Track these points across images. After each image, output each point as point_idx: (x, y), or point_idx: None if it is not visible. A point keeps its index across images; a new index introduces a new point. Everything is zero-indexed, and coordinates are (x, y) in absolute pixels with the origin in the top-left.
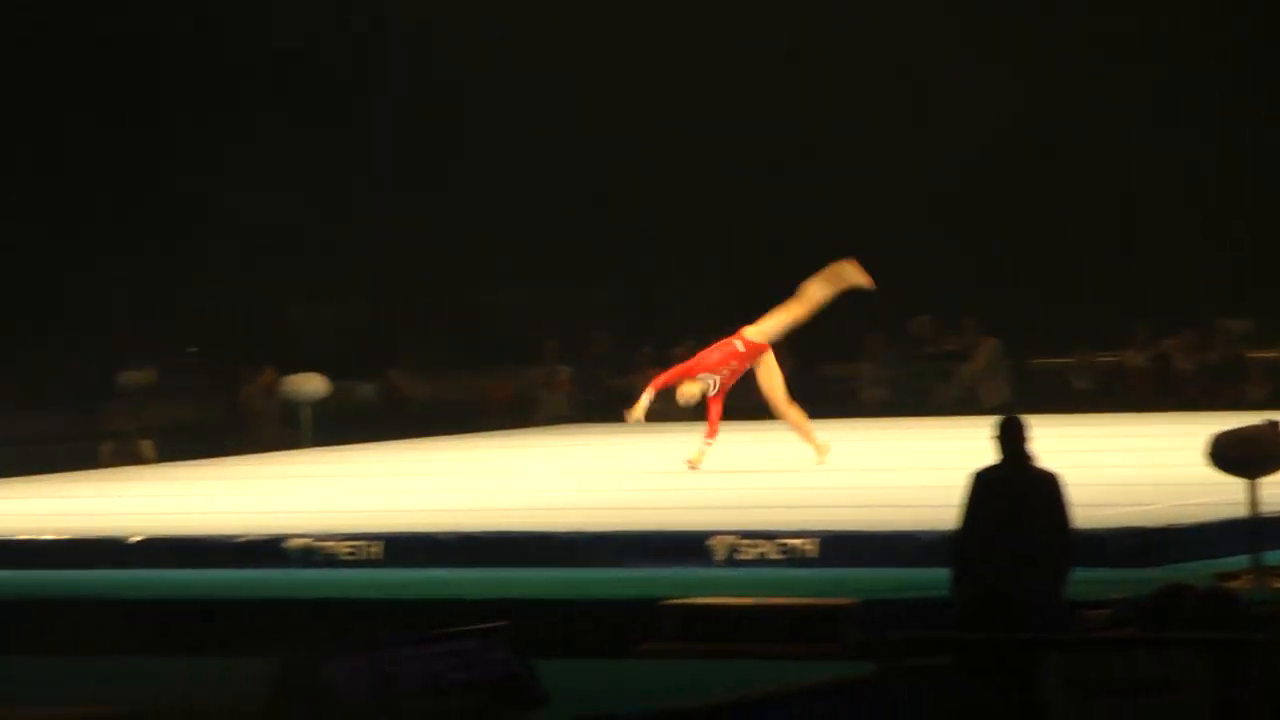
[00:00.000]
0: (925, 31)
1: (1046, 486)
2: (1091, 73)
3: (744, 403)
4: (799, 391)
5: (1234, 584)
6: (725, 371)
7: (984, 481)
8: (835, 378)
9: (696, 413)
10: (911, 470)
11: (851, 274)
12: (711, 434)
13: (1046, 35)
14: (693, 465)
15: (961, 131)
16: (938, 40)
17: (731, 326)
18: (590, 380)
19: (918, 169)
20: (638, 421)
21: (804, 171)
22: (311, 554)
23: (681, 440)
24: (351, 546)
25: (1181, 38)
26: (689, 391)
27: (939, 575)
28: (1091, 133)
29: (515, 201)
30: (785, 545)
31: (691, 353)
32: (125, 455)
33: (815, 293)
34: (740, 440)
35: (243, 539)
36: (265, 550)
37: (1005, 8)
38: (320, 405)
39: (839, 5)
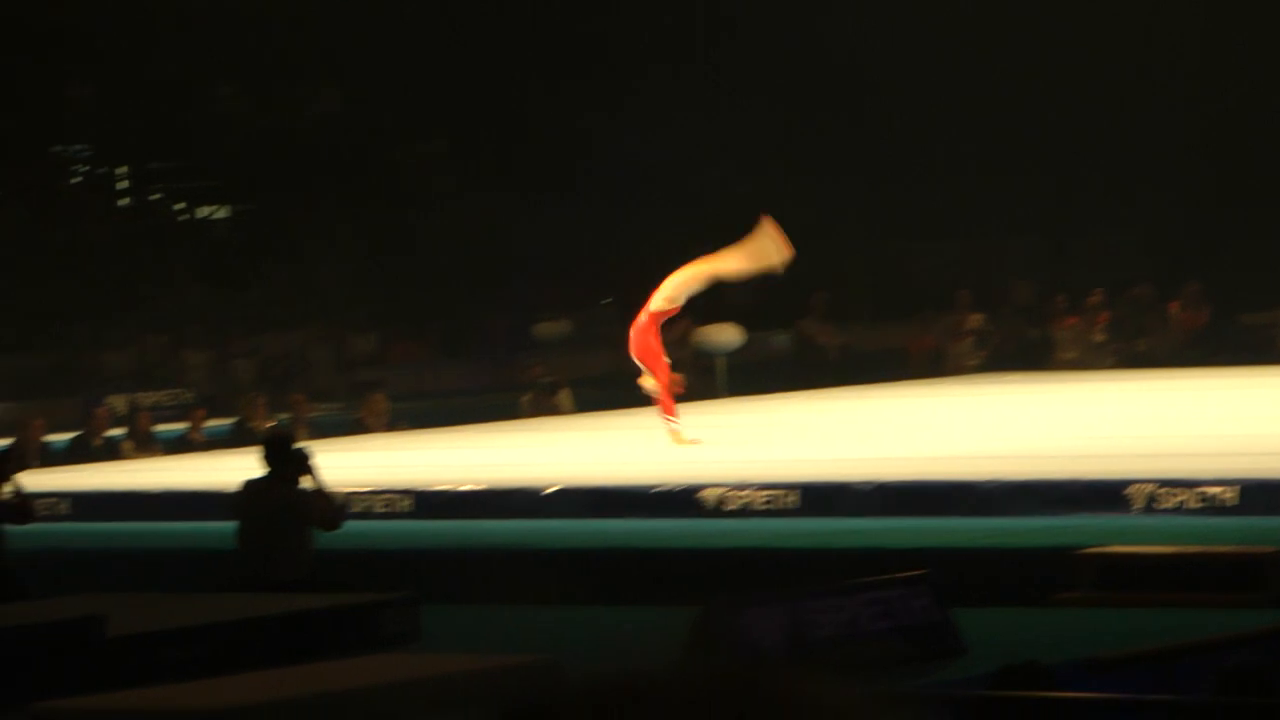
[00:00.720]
0: None
1: None
2: None
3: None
4: (1217, 340)
5: None
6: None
7: None
8: (1256, 325)
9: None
10: None
11: (768, 249)
12: (669, 411)
13: None
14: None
15: None
16: None
17: (1138, 275)
18: (1007, 330)
19: None
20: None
21: (1229, 120)
22: (727, 503)
23: (1103, 391)
24: (767, 496)
25: None
26: (646, 385)
27: None
28: None
29: (930, 152)
30: (1204, 494)
31: (1104, 301)
32: (543, 406)
33: (730, 265)
34: (1153, 390)
35: (658, 489)
36: (680, 500)
37: None
38: (735, 355)
39: None
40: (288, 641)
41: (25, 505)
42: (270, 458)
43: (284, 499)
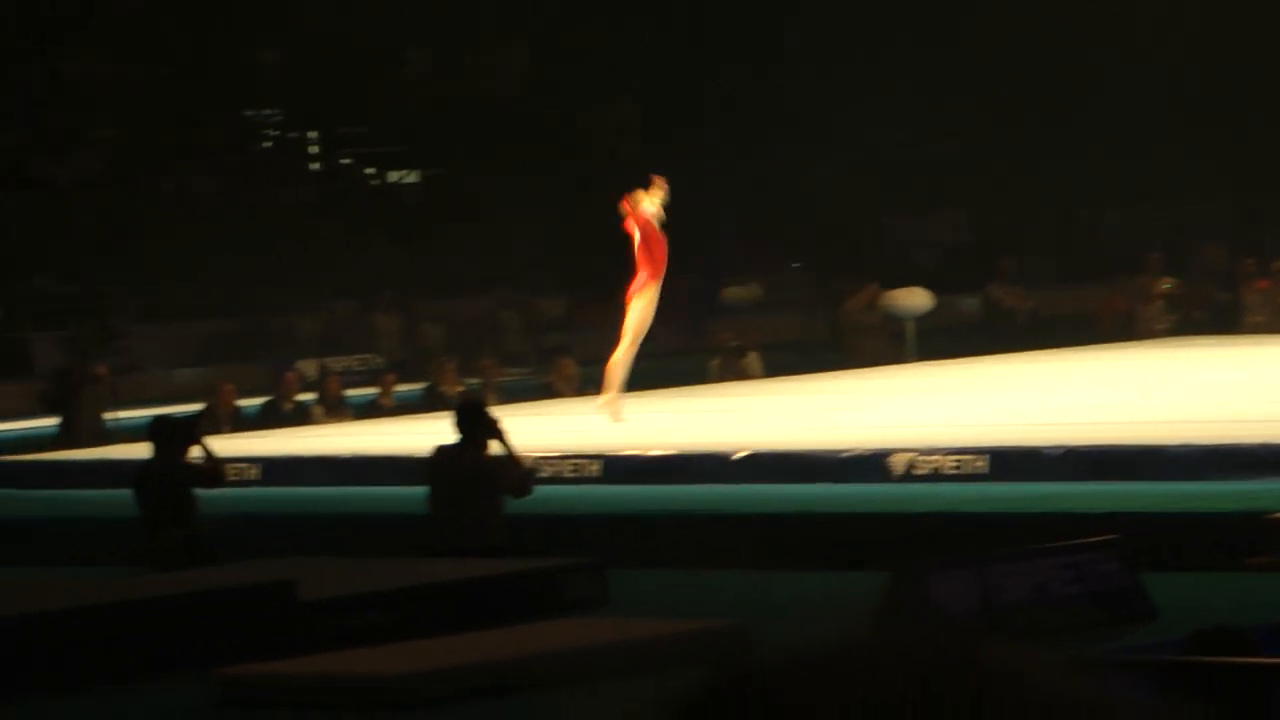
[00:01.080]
0: None
1: None
2: None
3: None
4: None
5: None
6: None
7: None
8: None
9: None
10: None
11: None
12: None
13: None
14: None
15: None
16: None
17: None
18: (1196, 293)
19: None
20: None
21: None
22: (916, 468)
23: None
24: (956, 460)
25: None
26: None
27: None
28: None
29: (1122, 114)
30: None
31: None
32: (731, 370)
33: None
34: None
35: (847, 454)
36: (870, 465)
37: None
38: (924, 320)
39: None
40: (476, 606)
41: (215, 469)
42: (461, 423)
43: (474, 465)
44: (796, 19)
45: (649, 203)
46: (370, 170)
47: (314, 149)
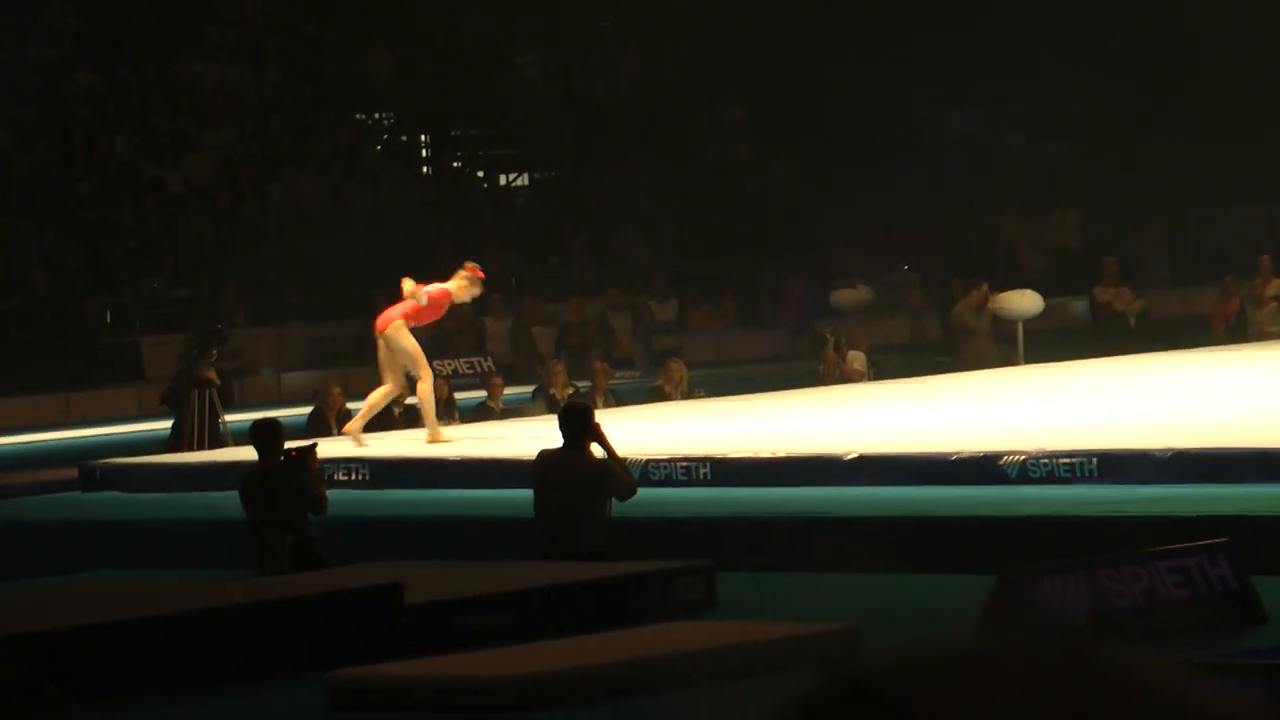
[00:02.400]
0: None
1: None
2: None
3: None
4: None
5: None
6: None
7: None
8: None
9: None
10: None
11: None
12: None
13: None
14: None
15: None
16: None
17: None
18: None
19: None
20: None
21: None
22: (1027, 470)
23: None
24: (1067, 463)
25: None
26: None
27: None
28: None
29: (1233, 115)
30: None
31: None
32: (840, 373)
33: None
34: None
35: (958, 456)
36: (980, 467)
37: None
38: (1033, 322)
39: None
40: (584, 609)
41: (319, 498)
42: (566, 427)
43: (580, 468)
44: (911, 22)
45: (460, 289)
46: (481, 173)
47: (425, 152)
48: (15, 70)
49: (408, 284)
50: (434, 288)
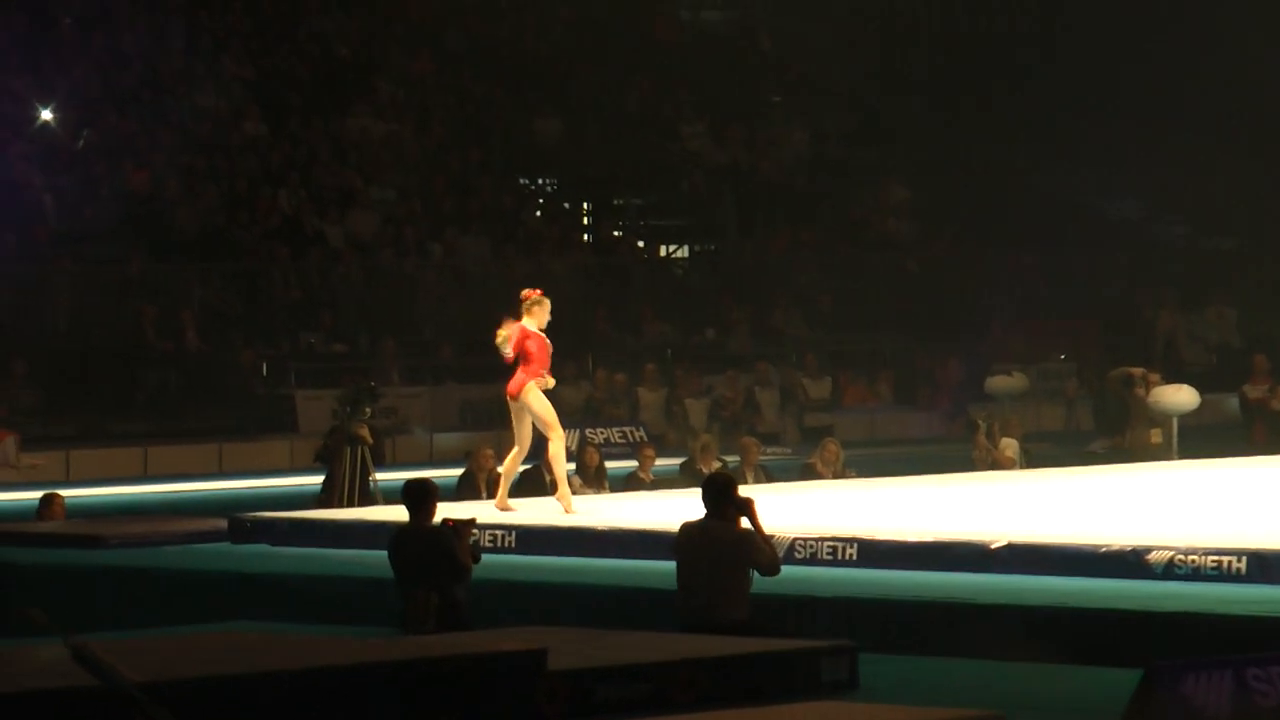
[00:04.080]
0: None
1: None
2: None
3: None
4: None
5: None
6: None
7: None
8: None
9: None
10: None
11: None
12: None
13: None
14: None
15: None
16: None
17: None
18: None
19: None
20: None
21: None
22: (1174, 567)
23: None
24: (1216, 561)
25: None
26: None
27: None
28: None
29: None
30: None
31: None
32: (992, 459)
33: None
34: None
35: (1105, 549)
36: (1128, 561)
37: None
38: (1189, 417)
39: None
40: (724, 684)
41: (466, 565)
42: (709, 497)
43: (722, 538)
44: (1074, 109)
45: (531, 317)
46: (641, 243)
47: (586, 219)
48: (185, 118)
49: (500, 334)
50: (512, 332)
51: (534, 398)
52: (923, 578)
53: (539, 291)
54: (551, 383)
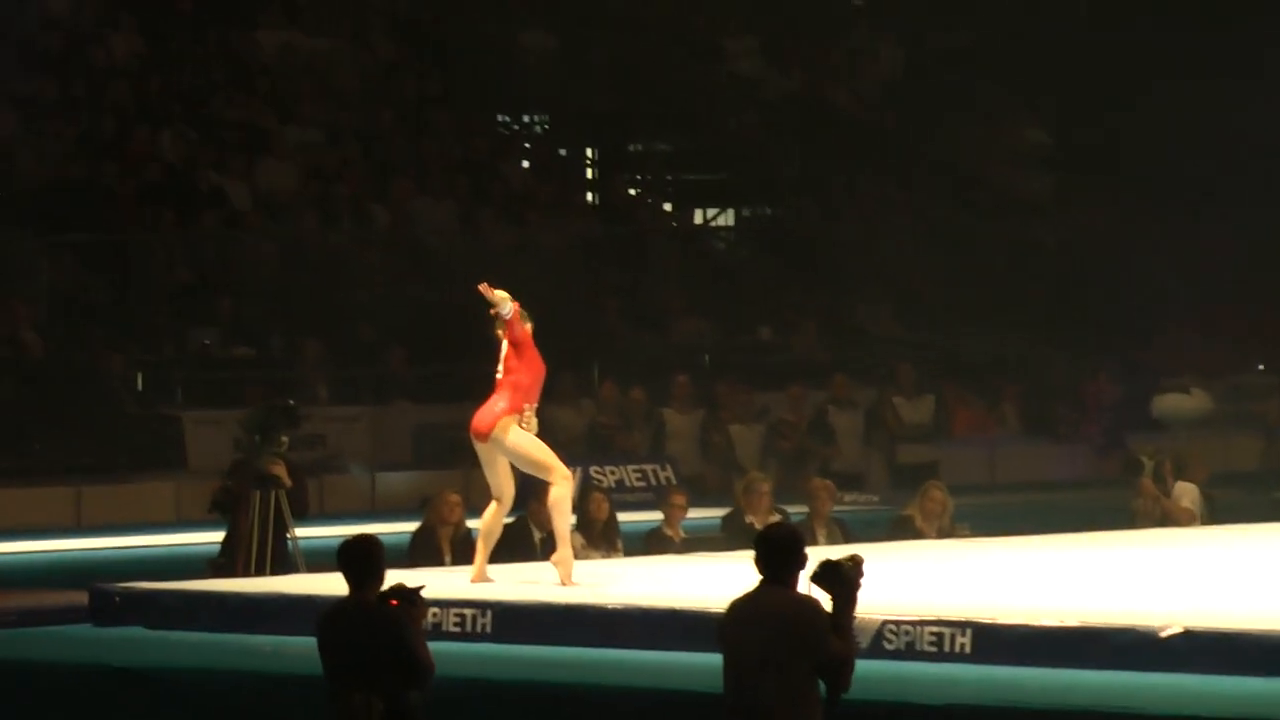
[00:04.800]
0: None
1: None
2: None
3: None
4: None
5: None
6: None
7: None
8: None
9: None
10: None
11: None
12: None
13: None
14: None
15: None
16: None
17: None
18: None
19: None
20: None
21: None
22: None
23: None
24: None
25: None
26: None
27: None
28: None
29: None
30: None
31: None
32: (1163, 511)
33: None
34: None
35: None
36: None
37: None
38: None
39: None
40: None
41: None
42: (765, 559)
43: (784, 615)
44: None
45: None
46: (668, 206)
47: (590, 173)
48: (29, 27)
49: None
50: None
51: (515, 438)
52: (1063, 677)
53: (484, 291)
54: (534, 425)
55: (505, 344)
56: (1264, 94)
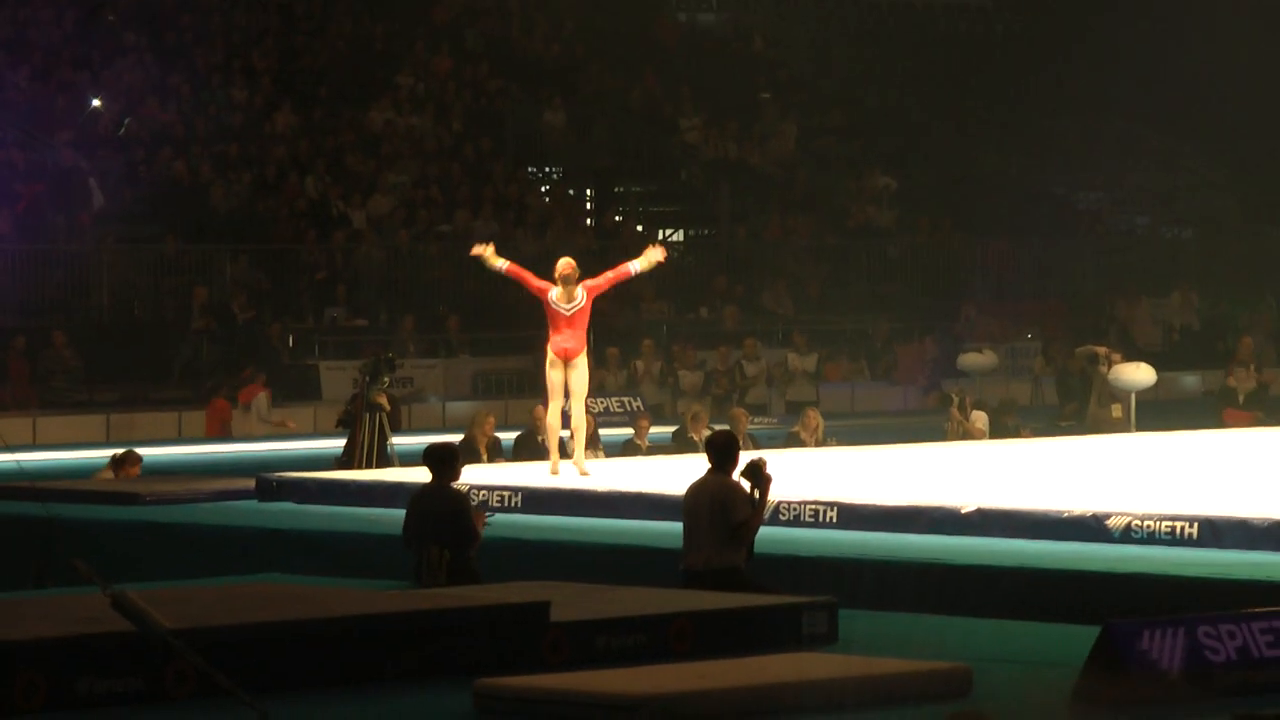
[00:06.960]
0: None
1: None
2: None
3: None
4: None
5: None
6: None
7: None
8: None
9: None
10: None
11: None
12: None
13: None
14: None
15: None
16: None
17: None
18: None
19: None
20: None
21: None
22: (1131, 531)
23: None
24: (1169, 526)
25: None
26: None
27: None
28: None
29: None
30: None
31: None
32: (963, 431)
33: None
34: None
35: (1068, 514)
36: (1089, 525)
37: None
38: (1145, 394)
39: None
40: (716, 636)
41: (473, 534)
42: (714, 455)
43: (717, 491)
44: (1044, 108)
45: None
46: (640, 227)
47: (590, 205)
48: (220, 109)
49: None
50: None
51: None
52: (898, 539)
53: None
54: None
55: (584, 297)
56: (1028, 149)
